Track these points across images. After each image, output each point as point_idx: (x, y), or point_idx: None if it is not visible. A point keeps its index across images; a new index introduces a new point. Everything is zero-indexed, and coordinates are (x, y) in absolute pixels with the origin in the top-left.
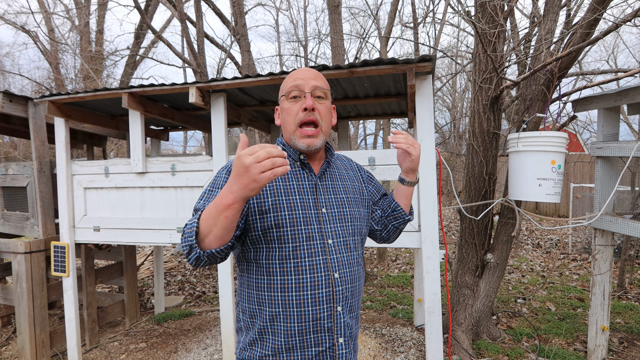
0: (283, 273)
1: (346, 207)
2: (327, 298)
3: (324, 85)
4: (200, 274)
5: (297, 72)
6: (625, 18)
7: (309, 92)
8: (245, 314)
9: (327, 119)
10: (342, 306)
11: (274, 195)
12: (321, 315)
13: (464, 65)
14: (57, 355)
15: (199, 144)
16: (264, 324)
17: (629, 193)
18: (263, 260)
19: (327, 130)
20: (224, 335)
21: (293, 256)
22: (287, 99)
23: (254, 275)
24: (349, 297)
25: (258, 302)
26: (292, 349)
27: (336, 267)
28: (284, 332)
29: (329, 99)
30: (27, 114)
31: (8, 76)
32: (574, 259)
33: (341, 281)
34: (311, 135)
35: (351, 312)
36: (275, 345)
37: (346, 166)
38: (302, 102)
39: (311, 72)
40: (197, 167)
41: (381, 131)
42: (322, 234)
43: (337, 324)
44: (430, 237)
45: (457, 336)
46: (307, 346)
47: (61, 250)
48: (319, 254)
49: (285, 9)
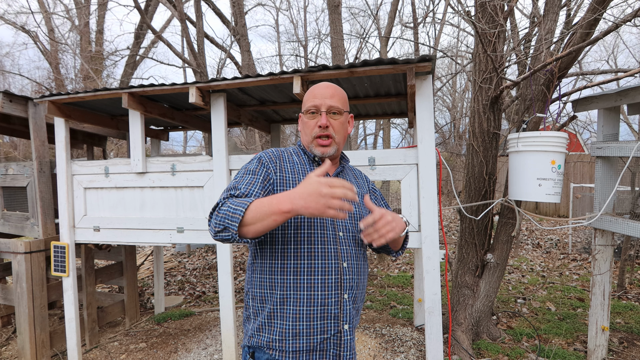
0: (297, 257)
1: (356, 207)
2: (335, 284)
3: (339, 105)
4: (200, 274)
5: (316, 89)
6: (625, 18)
7: (325, 110)
8: (255, 300)
9: (340, 132)
10: (348, 294)
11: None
12: (329, 300)
13: (464, 65)
14: (57, 355)
15: (199, 144)
16: (273, 307)
17: (629, 193)
18: (279, 245)
19: (339, 141)
20: (224, 335)
21: (307, 242)
22: (306, 114)
23: (268, 260)
24: (355, 288)
25: (270, 286)
26: (298, 335)
27: (345, 257)
28: (292, 315)
29: (343, 115)
30: (27, 114)
31: (8, 76)
32: (574, 259)
33: (349, 270)
34: (325, 145)
35: (355, 302)
36: (282, 329)
37: (356, 175)
38: (318, 120)
39: (329, 91)
40: (197, 167)
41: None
42: (334, 225)
43: (343, 310)
44: (430, 237)
45: (457, 336)
46: (314, 333)
47: (61, 250)
48: (330, 243)
49: (285, 9)
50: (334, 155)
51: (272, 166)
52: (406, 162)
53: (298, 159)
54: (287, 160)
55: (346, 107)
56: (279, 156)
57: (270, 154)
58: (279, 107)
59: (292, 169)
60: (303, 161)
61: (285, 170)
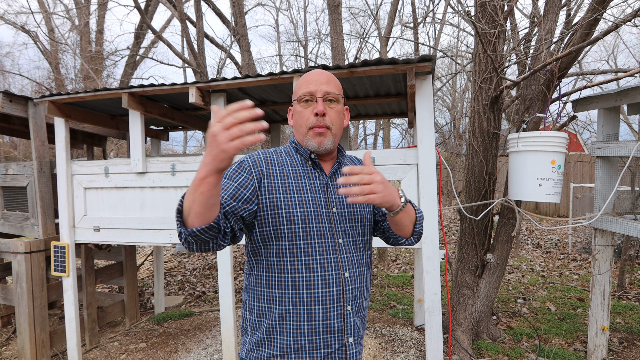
0: (294, 270)
1: (356, 207)
2: (337, 297)
3: (335, 90)
4: (200, 274)
5: (310, 76)
6: (625, 18)
7: (321, 97)
8: (252, 313)
9: (337, 123)
10: (351, 305)
11: (286, 193)
12: (331, 314)
13: (464, 65)
14: (57, 355)
15: (199, 144)
16: (272, 323)
17: (629, 193)
18: (274, 257)
19: (336, 132)
20: (224, 335)
21: (304, 253)
22: (300, 102)
23: (265, 273)
24: (358, 297)
25: (268, 300)
26: (300, 350)
27: (346, 266)
28: (293, 331)
29: (340, 103)
30: (27, 114)
31: (8, 76)
32: (574, 259)
33: (351, 280)
34: (321, 133)
35: (359, 311)
36: (283, 345)
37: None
38: (314, 107)
39: (324, 76)
40: (197, 167)
41: (381, 131)
42: (332, 232)
43: (347, 323)
44: (430, 237)
45: (457, 336)
46: (316, 347)
47: (61, 250)
48: (329, 252)
49: (285, 9)
50: (331, 148)
51: (256, 171)
52: (406, 162)
53: (289, 160)
54: (276, 163)
55: (342, 94)
56: (265, 159)
57: (255, 158)
58: (279, 107)
59: (282, 172)
60: (295, 162)
61: (273, 175)
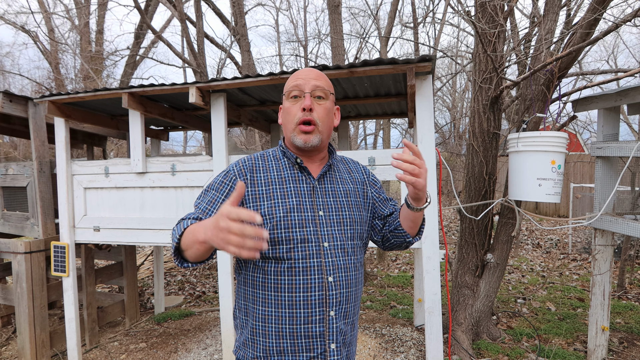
0: (277, 273)
1: (345, 211)
2: (319, 301)
3: (324, 85)
4: (200, 274)
5: (299, 72)
6: (625, 18)
7: (309, 92)
8: (241, 312)
9: (326, 121)
10: (335, 311)
11: (270, 199)
12: (313, 318)
13: (464, 65)
14: (57, 355)
15: (199, 144)
16: (255, 324)
17: (629, 193)
18: (259, 260)
19: (324, 130)
20: (224, 335)
21: (287, 257)
22: (288, 98)
23: (251, 273)
24: (344, 302)
25: (253, 300)
26: (283, 352)
27: (331, 271)
28: (275, 333)
29: (329, 100)
30: (27, 114)
31: (8, 76)
32: (574, 259)
33: (335, 285)
34: (307, 131)
35: (346, 317)
36: (266, 346)
37: (350, 169)
38: (302, 102)
39: (313, 72)
40: (197, 167)
41: (381, 131)
42: (317, 236)
43: (329, 329)
44: (430, 237)
45: (457, 336)
46: (299, 351)
47: (61, 250)
48: (313, 257)
49: (285, 9)
50: (318, 146)
51: (242, 180)
52: None
53: (275, 164)
54: (262, 169)
55: (332, 91)
56: (251, 167)
57: (242, 166)
58: (278, 107)
59: (266, 179)
60: (281, 166)
61: (257, 183)
